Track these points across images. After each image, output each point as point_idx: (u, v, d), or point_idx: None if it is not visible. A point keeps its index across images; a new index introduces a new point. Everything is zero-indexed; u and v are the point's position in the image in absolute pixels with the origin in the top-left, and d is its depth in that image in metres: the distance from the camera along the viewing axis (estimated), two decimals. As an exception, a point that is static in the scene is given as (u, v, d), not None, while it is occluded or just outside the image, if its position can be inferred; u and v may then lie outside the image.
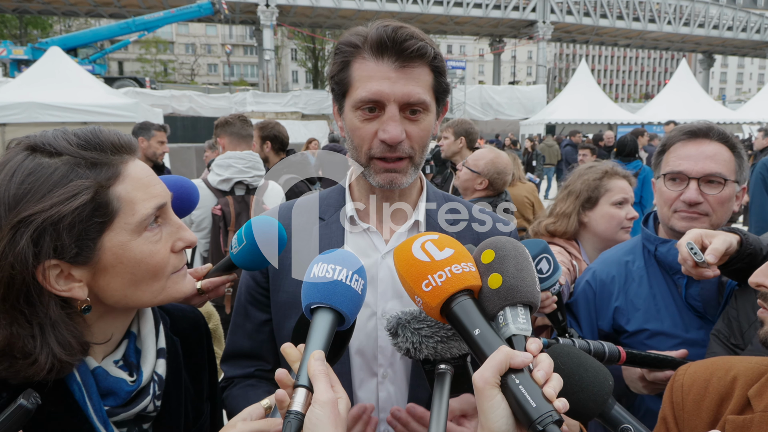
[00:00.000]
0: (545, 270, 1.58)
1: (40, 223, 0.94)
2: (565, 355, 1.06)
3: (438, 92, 1.39)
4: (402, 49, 1.29)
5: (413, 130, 1.35)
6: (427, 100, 1.34)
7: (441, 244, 1.06)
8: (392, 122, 1.31)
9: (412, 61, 1.31)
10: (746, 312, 1.61)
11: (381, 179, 1.38)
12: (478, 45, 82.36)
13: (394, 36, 1.29)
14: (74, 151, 1.01)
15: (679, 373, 1.35)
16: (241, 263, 1.39)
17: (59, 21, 51.82)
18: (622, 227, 2.54)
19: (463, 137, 5.17)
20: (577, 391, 1.01)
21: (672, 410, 1.30)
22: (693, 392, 1.28)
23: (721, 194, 1.80)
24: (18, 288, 0.95)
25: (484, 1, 39.12)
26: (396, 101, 1.31)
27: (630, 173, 2.67)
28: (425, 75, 1.34)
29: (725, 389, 1.24)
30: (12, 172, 0.97)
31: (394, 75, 1.30)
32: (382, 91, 1.30)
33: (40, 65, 16.08)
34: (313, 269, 1.06)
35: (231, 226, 3.71)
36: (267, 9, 34.93)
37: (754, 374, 1.23)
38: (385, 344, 1.39)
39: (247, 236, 1.34)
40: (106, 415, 1.06)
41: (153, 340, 1.19)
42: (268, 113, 27.56)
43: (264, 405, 1.07)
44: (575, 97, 29.85)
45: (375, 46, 1.31)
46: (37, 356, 0.96)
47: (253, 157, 3.94)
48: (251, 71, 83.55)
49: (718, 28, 44.86)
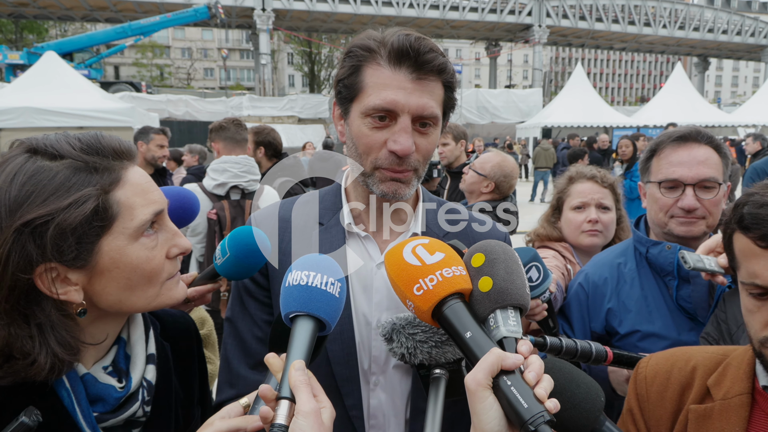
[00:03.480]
0: (535, 278, 1.58)
1: (44, 227, 0.95)
2: (557, 371, 1.07)
3: (446, 107, 1.38)
4: (423, 62, 1.27)
5: (422, 143, 1.33)
6: (438, 114, 1.33)
7: (432, 248, 1.07)
8: (404, 134, 1.28)
9: (429, 75, 1.29)
10: (734, 314, 1.63)
11: (385, 188, 1.34)
12: (474, 49, 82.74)
13: (417, 46, 1.26)
14: (77, 155, 1.01)
15: (642, 364, 1.38)
16: (225, 274, 1.39)
17: (55, 25, 51.78)
18: (582, 231, 2.51)
19: (463, 140, 5.22)
20: (569, 407, 1.02)
21: (637, 401, 1.34)
22: (656, 383, 1.31)
23: (716, 197, 1.84)
24: (19, 290, 0.96)
25: (480, 5, 39.22)
26: (410, 113, 1.28)
27: (601, 174, 2.59)
28: (438, 89, 1.32)
29: (686, 379, 1.28)
30: (13, 174, 0.98)
31: (410, 86, 1.27)
32: (397, 100, 1.26)
33: (35, 70, 16.10)
34: (288, 278, 1.05)
35: (226, 230, 3.70)
36: (263, 13, 34.96)
37: (712, 363, 1.27)
38: (379, 353, 1.38)
39: (230, 248, 1.34)
40: (95, 422, 1.06)
41: (143, 345, 1.19)
42: (265, 117, 27.57)
43: (243, 404, 1.07)
44: (571, 100, 29.94)
45: (394, 54, 1.27)
46: (36, 356, 0.96)
47: (248, 161, 3.94)
48: (247, 75, 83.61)
49: (713, 32, 45.06)
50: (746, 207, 1.14)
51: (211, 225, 3.72)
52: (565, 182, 2.65)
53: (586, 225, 2.50)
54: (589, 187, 2.55)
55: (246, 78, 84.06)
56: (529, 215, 10.57)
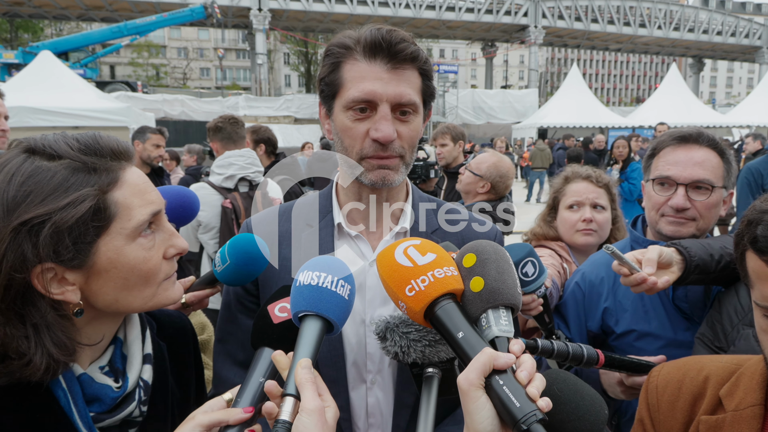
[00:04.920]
0: (530, 273, 1.58)
1: (41, 227, 0.95)
2: (562, 382, 1.07)
3: (425, 95, 1.42)
4: (396, 51, 1.32)
5: (404, 130, 1.37)
6: (417, 102, 1.37)
7: (423, 249, 1.07)
8: (384, 121, 1.33)
9: (403, 63, 1.34)
10: (729, 315, 1.63)
11: (374, 176, 1.38)
12: (470, 49, 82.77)
13: (389, 38, 1.32)
14: (75, 155, 1.01)
15: (653, 374, 1.36)
16: (225, 280, 1.40)
17: (50, 25, 51.61)
18: (577, 230, 2.52)
19: (461, 141, 5.23)
20: (573, 419, 1.02)
21: (648, 411, 1.32)
22: (667, 393, 1.29)
23: (709, 200, 1.81)
24: (16, 290, 0.96)
25: (476, 6, 39.29)
26: (388, 101, 1.33)
27: (596, 174, 2.60)
28: (415, 78, 1.37)
29: (698, 389, 1.26)
30: (11, 173, 0.98)
31: (387, 76, 1.33)
32: (375, 90, 1.32)
33: (31, 69, 16.05)
34: (299, 277, 1.06)
35: (242, 219, 3.73)
36: (259, 13, 34.93)
37: (724, 374, 1.25)
38: (374, 351, 1.39)
39: (231, 255, 1.35)
40: (91, 421, 1.06)
41: (139, 345, 1.19)
42: (261, 117, 27.55)
43: (226, 398, 1.07)
44: (567, 101, 30.03)
45: (368, 48, 1.33)
46: (32, 357, 0.96)
47: (251, 154, 3.99)
48: (244, 75, 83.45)
49: (707, 33, 45.26)
50: (760, 227, 1.08)
51: (227, 214, 3.74)
52: (560, 182, 2.67)
53: (581, 224, 2.51)
54: (584, 187, 2.56)
55: (242, 78, 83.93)
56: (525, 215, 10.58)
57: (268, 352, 1.10)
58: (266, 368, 1.09)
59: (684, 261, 1.65)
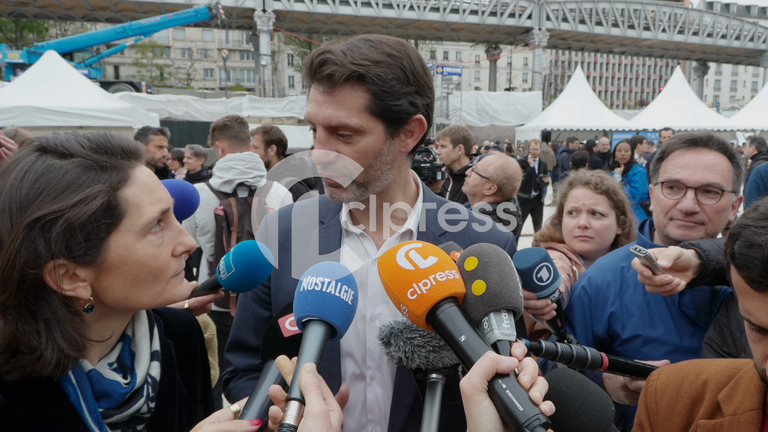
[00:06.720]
0: (545, 278, 1.57)
1: (54, 223, 0.96)
2: (569, 378, 1.07)
3: (383, 113, 1.32)
4: (321, 76, 1.30)
5: (346, 150, 1.35)
6: (352, 124, 1.30)
7: (425, 252, 1.07)
8: (318, 144, 1.36)
9: (335, 86, 1.29)
10: (738, 320, 1.61)
11: (327, 192, 1.44)
12: (474, 51, 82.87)
13: (312, 62, 1.31)
14: (86, 153, 1.03)
15: (652, 378, 1.36)
16: (230, 288, 1.42)
17: (55, 25, 51.83)
18: (574, 236, 2.52)
19: (461, 144, 5.21)
20: (580, 414, 1.02)
21: (647, 415, 1.32)
22: (666, 397, 1.29)
23: (718, 204, 1.79)
24: (28, 285, 0.97)
25: (480, 8, 39.35)
26: (321, 124, 1.34)
27: (597, 180, 2.57)
28: (355, 97, 1.29)
29: (696, 393, 1.26)
30: (24, 171, 0.99)
31: (321, 98, 1.32)
32: (310, 113, 1.35)
33: (35, 69, 16.12)
34: (303, 283, 1.07)
35: (234, 226, 3.72)
36: (264, 14, 35.02)
37: (723, 378, 1.25)
38: (374, 347, 1.41)
39: (236, 263, 1.36)
40: (100, 417, 1.07)
41: (147, 342, 1.20)
42: (265, 118, 27.54)
43: (233, 410, 1.08)
44: (571, 103, 29.99)
45: (306, 71, 1.36)
46: (43, 351, 0.97)
47: (253, 157, 3.95)
48: (248, 76, 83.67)
49: (712, 36, 45.20)
50: (737, 243, 1.07)
51: (218, 221, 3.72)
52: (566, 186, 2.69)
53: (577, 231, 2.51)
54: (582, 193, 2.55)
55: (246, 79, 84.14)
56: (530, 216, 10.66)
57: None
58: (274, 381, 1.11)
59: (701, 265, 1.64)
